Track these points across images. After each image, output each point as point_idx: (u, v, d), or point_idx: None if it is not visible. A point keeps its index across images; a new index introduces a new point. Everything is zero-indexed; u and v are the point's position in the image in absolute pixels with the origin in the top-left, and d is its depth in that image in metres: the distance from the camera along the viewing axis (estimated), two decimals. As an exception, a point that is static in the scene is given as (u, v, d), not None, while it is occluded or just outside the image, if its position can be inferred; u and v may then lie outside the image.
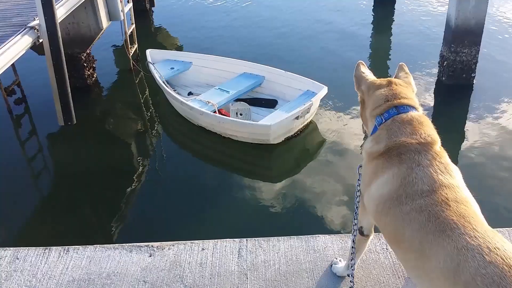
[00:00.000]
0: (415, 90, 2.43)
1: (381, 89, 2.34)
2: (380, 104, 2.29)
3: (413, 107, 2.27)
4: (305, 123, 8.60)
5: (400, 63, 2.56)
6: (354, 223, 2.55)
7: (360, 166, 2.43)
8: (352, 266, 2.55)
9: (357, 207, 2.49)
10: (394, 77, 2.48)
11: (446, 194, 1.94)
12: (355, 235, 2.56)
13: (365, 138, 2.67)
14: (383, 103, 2.28)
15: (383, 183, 2.11)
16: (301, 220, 6.72)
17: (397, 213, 2.00)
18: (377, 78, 2.50)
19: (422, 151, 2.09)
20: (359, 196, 2.47)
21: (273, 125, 7.81)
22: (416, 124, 2.18)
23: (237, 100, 9.19)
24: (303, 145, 8.42)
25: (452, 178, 2.03)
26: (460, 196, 1.95)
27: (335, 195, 7.11)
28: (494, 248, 1.71)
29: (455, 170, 2.08)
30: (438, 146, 2.14)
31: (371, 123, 2.35)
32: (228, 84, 9.35)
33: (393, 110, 2.24)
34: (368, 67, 2.62)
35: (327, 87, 8.65)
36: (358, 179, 2.44)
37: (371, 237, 2.61)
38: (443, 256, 1.78)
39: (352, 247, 2.58)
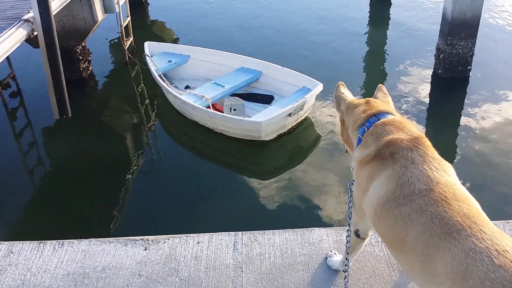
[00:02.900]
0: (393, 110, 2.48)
1: (360, 107, 2.41)
2: (359, 118, 2.35)
3: (391, 114, 2.32)
4: (299, 120, 8.49)
5: (379, 85, 2.63)
6: (347, 241, 2.55)
7: (351, 183, 2.43)
8: (346, 270, 2.54)
9: (349, 216, 2.50)
10: (373, 98, 2.54)
11: (445, 192, 1.90)
12: (348, 247, 2.57)
13: (347, 155, 2.69)
14: (362, 114, 2.34)
15: (379, 185, 2.08)
16: (297, 214, 6.73)
17: (397, 215, 1.96)
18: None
19: (413, 147, 2.07)
20: (351, 212, 2.48)
21: (264, 121, 7.69)
22: (398, 123, 2.22)
23: (233, 95, 9.11)
24: (297, 142, 8.36)
25: (448, 176, 2.00)
26: (459, 193, 1.91)
27: (329, 189, 7.12)
28: (503, 251, 1.66)
29: (448, 167, 2.06)
30: (426, 140, 2.13)
31: (355, 138, 2.38)
32: (224, 79, 9.28)
33: (373, 119, 2.30)
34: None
35: (322, 84, 8.53)
36: (350, 196, 2.46)
37: (367, 239, 2.61)
38: (450, 259, 1.73)
39: (346, 259, 2.57)
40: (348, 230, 2.53)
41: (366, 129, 2.28)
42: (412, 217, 1.90)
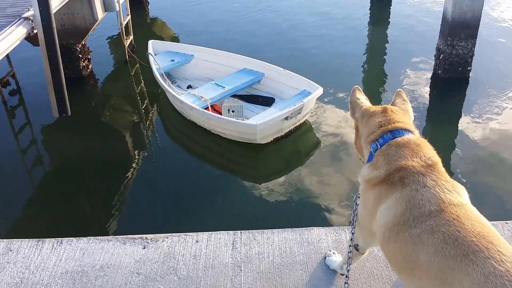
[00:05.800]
0: (412, 118, 2.37)
1: (375, 116, 2.29)
2: (374, 131, 2.23)
3: (409, 131, 2.20)
4: (298, 123, 8.38)
5: (398, 90, 2.49)
6: (348, 257, 2.50)
7: (357, 196, 2.38)
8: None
9: (352, 231, 2.46)
10: (391, 104, 2.43)
11: (456, 212, 1.84)
12: (350, 264, 2.52)
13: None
14: (377, 129, 2.23)
15: (387, 209, 2.03)
16: (295, 214, 6.72)
17: (407, 238, 1.90)
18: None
19: (425, 173, 2.00)
20: (354, 226, 2.44)
21: (259, 124, 7.59)
22: (414, 146, 2.11)
23: (235, 96, 9.05)
24: (295, 146, 8.27)
25: (461, 197, 1.94)
26: (470, 213, 1.85)
27: (328, 190, 7.11)
28: None
29: (462, 189, 2.00)
30: (440, 167, 2.06)
31: (366, 151, 2.29)
32: (225, 80, 9.20)
33: (387, 135, 2.18)
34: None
35: (322, 88, 8.42)
36: (355, 209, 2.41)
37: (365, 254, 2.58)
38: (468, 283, 1.65)
39: (346, 275, 2.52)
40: (350, 245, 2.48)
41: (379, 146, 2.17)
42: (423, 238, 1.84)
